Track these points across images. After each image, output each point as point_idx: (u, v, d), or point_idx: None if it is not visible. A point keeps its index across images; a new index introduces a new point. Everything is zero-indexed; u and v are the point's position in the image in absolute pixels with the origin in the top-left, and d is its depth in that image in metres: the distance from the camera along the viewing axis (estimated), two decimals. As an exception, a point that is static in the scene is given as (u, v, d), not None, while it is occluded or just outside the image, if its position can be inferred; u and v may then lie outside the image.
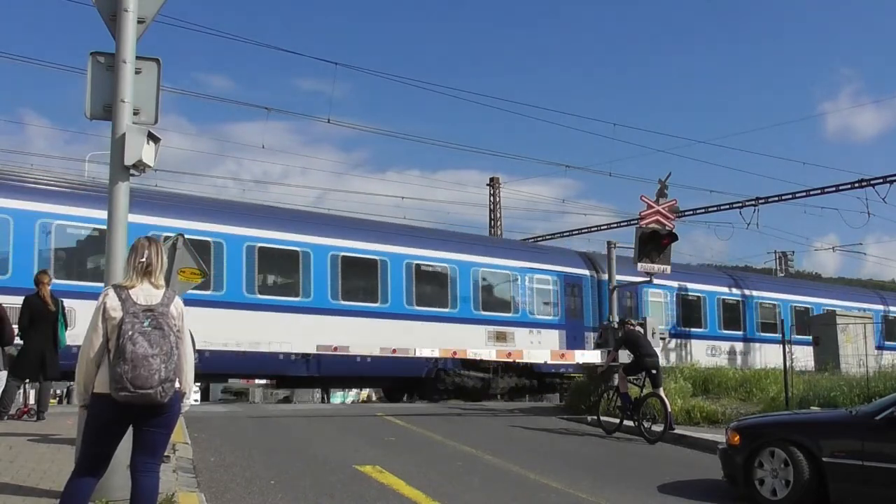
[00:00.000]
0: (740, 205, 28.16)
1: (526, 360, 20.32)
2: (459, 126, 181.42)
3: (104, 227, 6.23)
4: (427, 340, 16.54)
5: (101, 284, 5.62)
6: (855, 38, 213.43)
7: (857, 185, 26.07)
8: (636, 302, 22.44)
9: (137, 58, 6.08)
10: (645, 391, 12.39)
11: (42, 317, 10.48)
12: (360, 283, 18.17)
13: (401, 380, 19.54)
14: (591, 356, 15.23)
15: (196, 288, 9.40)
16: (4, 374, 10.47)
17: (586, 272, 22.28)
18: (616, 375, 13.34)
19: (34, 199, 14.48)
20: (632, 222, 25.85)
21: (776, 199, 28.03)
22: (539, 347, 19.00)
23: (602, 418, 12.95)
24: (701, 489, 8.11)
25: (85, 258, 15.26)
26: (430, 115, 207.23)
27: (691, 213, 30.16)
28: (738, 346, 25.07)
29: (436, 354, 16.14)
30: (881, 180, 25.27)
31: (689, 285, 24.02)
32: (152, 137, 5.99)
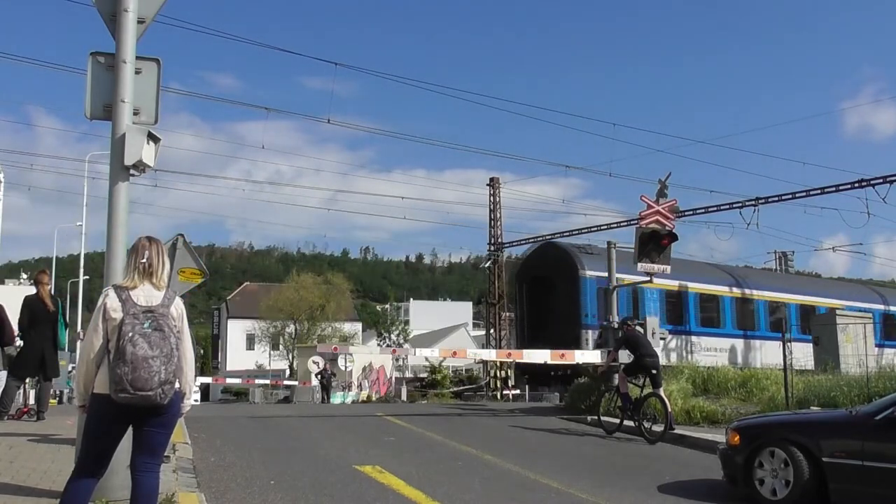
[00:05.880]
0: (740, 205, 28.08)
1: (526, 360, 20.41)
2: (465, 126, 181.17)
3: None
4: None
5: None
6: (878, 38, 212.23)
7: (856, 185, 25.98)
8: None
9: (137, 58, 6.07)
10: (645, 391, 12.40)
11: (42, 317, 10.48)
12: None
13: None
14: (591, 356, 15.24)
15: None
16: (4, 374, 10.47)
17: None
18: (616, 375, 13.35)
19: None
20: (632, 222, 25.75)
21: (776, 199, 27.98)
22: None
23: (602, 418, 12.96)
24: (701, 489, 8.11)
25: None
26: (437, 115, 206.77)
27: (691, 213, 30.11)
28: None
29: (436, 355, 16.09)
30: (881, 180, 25.17)
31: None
32: (152, 137, 5.98)
